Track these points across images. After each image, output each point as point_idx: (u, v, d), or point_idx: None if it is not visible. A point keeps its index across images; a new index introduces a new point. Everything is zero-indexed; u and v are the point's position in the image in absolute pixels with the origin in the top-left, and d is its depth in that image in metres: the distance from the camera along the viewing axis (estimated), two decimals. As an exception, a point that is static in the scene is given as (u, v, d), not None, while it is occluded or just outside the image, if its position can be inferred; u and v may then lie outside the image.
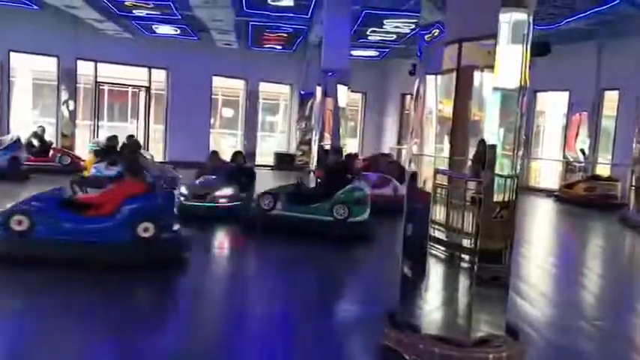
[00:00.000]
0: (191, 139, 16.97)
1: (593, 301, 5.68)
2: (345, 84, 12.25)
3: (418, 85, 3.71)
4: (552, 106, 17.00)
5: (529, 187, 15.14)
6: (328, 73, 12.00)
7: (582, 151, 14.67)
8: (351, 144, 17.17)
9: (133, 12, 13.83)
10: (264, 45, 17.18)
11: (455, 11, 3.44)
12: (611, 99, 14.18)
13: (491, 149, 3.38)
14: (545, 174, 16.46)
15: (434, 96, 3.58)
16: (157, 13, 13.77)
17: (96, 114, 17.23)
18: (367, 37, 15.35)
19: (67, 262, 5.09)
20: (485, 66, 3.34)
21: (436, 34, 3.56)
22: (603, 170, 13.95)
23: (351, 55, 13.15)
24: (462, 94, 3.40)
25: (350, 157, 14.17)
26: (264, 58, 17.95)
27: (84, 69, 16.65)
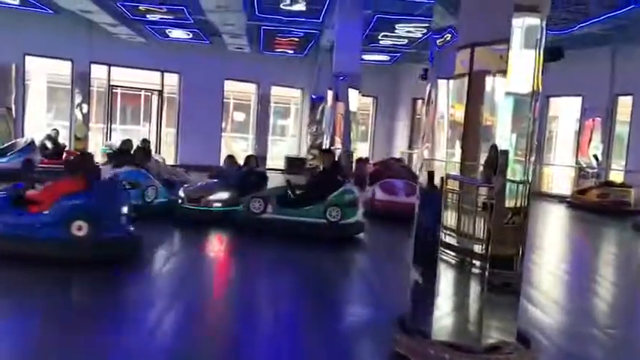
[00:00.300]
0: (203, 142, 17.10)
1: (605, 308, 5.60)
2: (356, 88, 12.28)
3: (430, 89, 3.70)
4: (565, 111, 16.91)
5: (541, 192, 15.05)
6: (339, 77, 12.05)
7: (595, 156, 14.57)
8: (361, 148, 17.20)
9: (147, 16, 13.98)
10: (276, 49, 17.26)
11: (467, 16, 3.43)
12: (625, 104, 14.08)
13: (503, 154, 3.35)
14: (557, 180, 16.37)
15: (445, 101, 3.56)
16: (170, 17, 13.91)
17: (109, 117, 17.43)
18: (379, 42, 15.38)
19: (5, 256, 5.16)
20: (498, 71, 3.32)
21: (448, 38, 3.55)
22: (617, 176, 13.84)
23: (362, 59, 13.21)
24: (474, 99, 3.39)
25: (360, 161, 14.28)
26: (276, 62, 18.03)
27: (97, 72, 16.87)
